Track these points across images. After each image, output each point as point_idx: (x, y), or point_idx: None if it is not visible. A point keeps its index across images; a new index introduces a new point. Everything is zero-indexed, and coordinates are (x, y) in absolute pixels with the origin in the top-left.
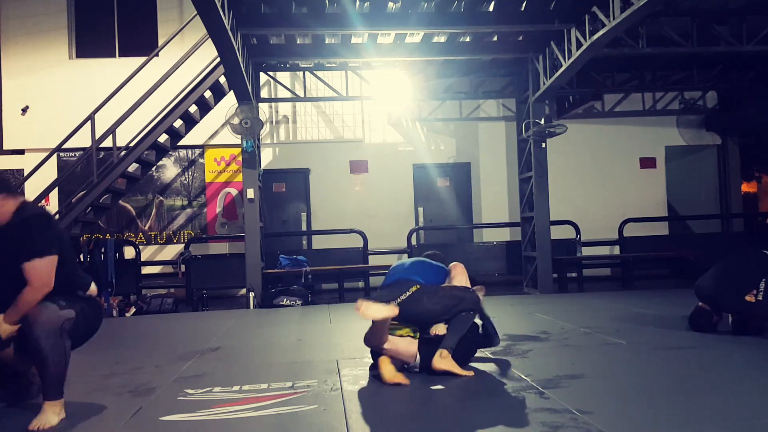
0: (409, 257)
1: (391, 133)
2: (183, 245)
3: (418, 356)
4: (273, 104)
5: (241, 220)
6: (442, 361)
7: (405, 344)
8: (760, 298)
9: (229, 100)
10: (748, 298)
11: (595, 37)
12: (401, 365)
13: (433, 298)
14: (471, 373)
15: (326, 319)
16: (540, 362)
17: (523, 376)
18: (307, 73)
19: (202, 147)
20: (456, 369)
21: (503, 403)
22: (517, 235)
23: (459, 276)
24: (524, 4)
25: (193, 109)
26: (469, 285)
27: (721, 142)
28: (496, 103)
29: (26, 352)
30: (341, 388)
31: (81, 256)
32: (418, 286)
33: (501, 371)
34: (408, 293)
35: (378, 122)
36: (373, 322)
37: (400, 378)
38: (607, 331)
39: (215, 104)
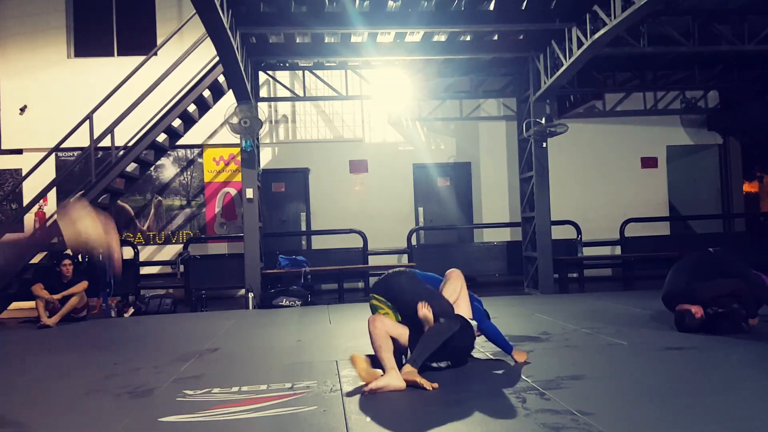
0: (409, 258)
1: (391, 133)
2: (182, 245)
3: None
4: (272, 103)
5: (240, 220)
6: (407, 374)
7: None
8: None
9: (228, 100)
10: None
11: (596, 36)
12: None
13: (411, 281)
14: (436, 385)
15: (326, 319)
16: (541, 363)
17: (523, 377)
18: (306, 72)
19: (201, 146)
20: (422, 382)
21: (504, 404)
22: (517, 235)
23: (452, 281)
24: (525, 3)
25: (191, 108)
26: (459, 293)
27: (722, 141)
28: (496, 103)
29: None
30: (341, 389)
31: (79, 256)
32: (407, 270)
33: (501, 372)
34: (395, 270)
35: (378, 122)
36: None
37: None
38: (608, 331)
39: (214, 103)
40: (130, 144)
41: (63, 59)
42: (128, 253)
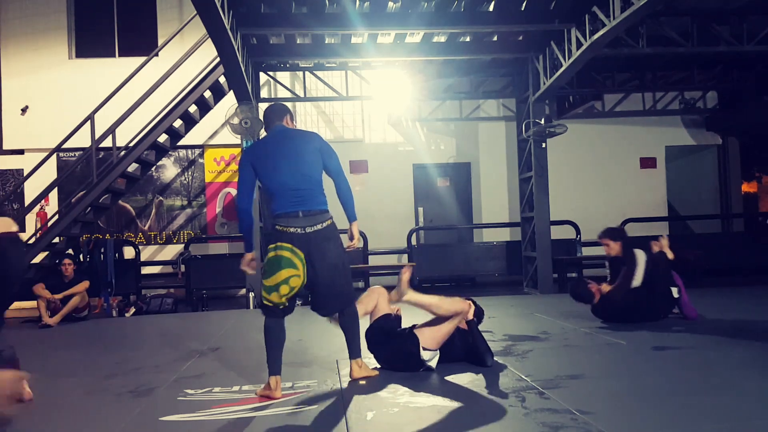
0: (409, 257)
1: (391, 133)
2: (183, 245)
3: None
4: None
5: None
6: (360, 371)
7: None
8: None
9: (229, 100)
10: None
11: (596, 36)
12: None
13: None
14: (376, 373)
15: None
16: (540, 362)
17: (523, 377)
18: (307, 72)
19: (202, 147)
20: (371, 373)
21: (504, 404)
22: (517, 235)
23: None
24: (524, 4)
25: (192, 109)
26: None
27: (721, 142)
28: (496, 103)
29: None
30: (341, 388)
31: (81, 256)
32: (330, 221)
33: (501, 371)
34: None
35: (378, 122)
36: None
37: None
38: (607, 331)
39: (215, 104)
40: (131, 144)
41: (64, 60)
42: (130, 253)
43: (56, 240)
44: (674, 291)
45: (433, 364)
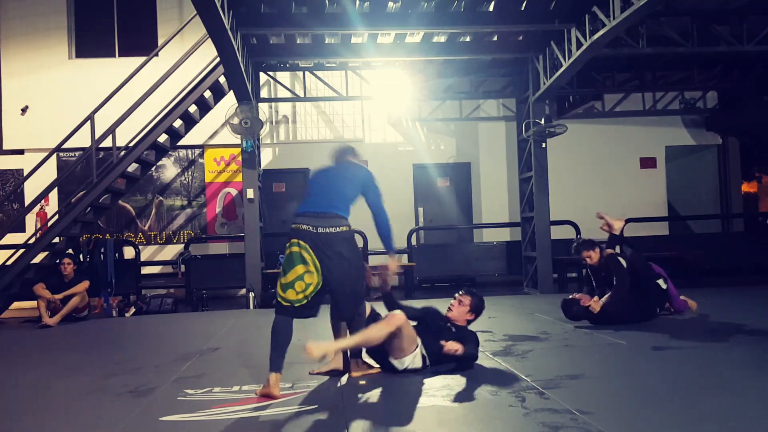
0: (409, 257)
1: (391, 133)
2: (183, 245)
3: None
4: (273, 104)
5: (240, 220)
6: (359, 369)
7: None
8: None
9: (229, 100)
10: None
11: (596, 36)
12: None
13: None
14: (378, 369)
15: (326, 319)
16: (540, 362)
17: (523, 377)
18: (307, 72)
19: (202, 147)
20: (370, 371)
21: (503, 403)
22: (517, 235)
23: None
24: (524, 4)
25: (192, 109)
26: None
27: (721, 142)
28: (496, 103)
29: None
30: (341, 388)
31: (81, 256)
32: (345, 228)
33: (501, 371)
34: (332, 229)
35: (378, 122)
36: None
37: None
38: (607, 331)
39: (215, 104)
40: (131, 144)
41: (64, 60)
42: (129, 253)
43: (56, 240)
44: (661, 282)
45: (418, 364)
